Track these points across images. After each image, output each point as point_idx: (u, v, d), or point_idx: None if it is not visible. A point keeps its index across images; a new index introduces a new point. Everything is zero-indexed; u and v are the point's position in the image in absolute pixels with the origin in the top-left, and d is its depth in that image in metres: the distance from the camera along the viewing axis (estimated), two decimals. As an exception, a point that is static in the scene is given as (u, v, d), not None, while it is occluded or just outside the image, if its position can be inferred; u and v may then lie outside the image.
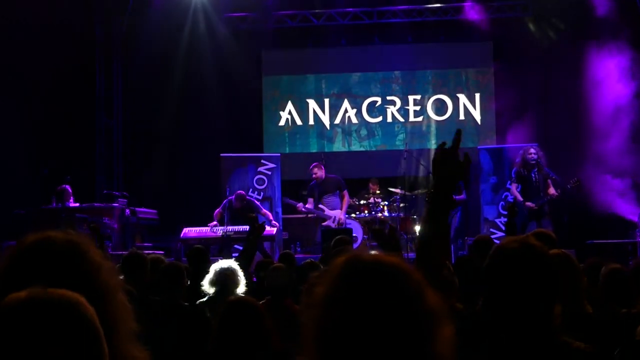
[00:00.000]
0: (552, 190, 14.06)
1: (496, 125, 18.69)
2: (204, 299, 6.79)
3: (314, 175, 15.69)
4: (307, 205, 15.71)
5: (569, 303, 3.80)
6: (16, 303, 1.62)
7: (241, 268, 6.93)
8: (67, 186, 15.02)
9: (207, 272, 6.88)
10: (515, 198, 14.10)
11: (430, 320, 1.82)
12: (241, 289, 6.68)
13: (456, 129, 2.92)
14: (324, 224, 15.50)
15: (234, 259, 7.95)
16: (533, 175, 14.12)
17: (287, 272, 6.84)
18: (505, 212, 15.21)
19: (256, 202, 15.86)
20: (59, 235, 2.07)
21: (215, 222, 14.97)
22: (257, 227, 7.78)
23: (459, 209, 15.98)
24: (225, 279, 6.69)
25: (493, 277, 2.91)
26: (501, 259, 2.89)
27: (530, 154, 14.19)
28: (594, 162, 15.97)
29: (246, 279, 6.95)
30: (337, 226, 15.32)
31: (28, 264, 1.96)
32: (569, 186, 14.01)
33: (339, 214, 15.48)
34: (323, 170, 15.76)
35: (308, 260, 7.96)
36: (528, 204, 13.95)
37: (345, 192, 15.73)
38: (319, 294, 1.89)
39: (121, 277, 2.06)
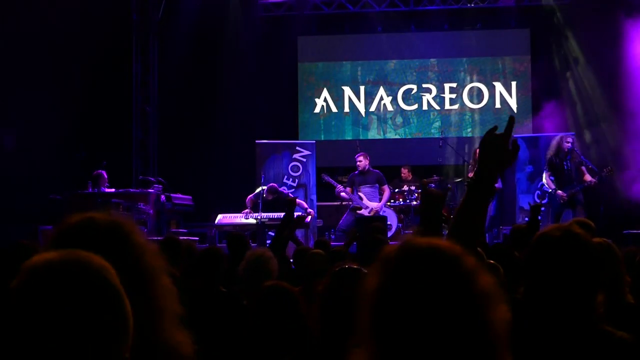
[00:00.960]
0: (588, 177, 13.93)
1: (532, 114, 18.56)
2: (240, 285, 6.79)
3: (358, 163, 15.56)
4: (346, 189, 15.58)
5: (611, 293, 3.76)
6: (42, 263, 1.61)
7: (275, 253, 6.92)
8: (102, 171, 15.10)
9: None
10: (542, 196, 14.04)
11: (485, 301, 1.81)
12: (274, 276, 6.68)
13: (509, 116, 2.86)
14: (359, 212, 15.43)
15: (268, 245, 7.95)
16: (565, 164, 14.02)
17: (324, 258, 6.83)
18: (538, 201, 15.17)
19: (289, 193, 15.81)
20: (102, 216, 2.07)
21: (248, 210, 14.97)
22: (292, 214, 7.74)
23: (495, 197, 15.89)
24: (259, 266, 6.69)
25: (535, 265, 2.88)
26: (544, 247, 2.86)
27: (567, 142, 14.07)
28: (631, 150, 15.83)
29: (281, 264, 6.94)
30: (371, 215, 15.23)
31: (72, 244, 1.96)
32: (603, 174, 13.89)
33: (376, 205, 15.36)
34: (368, 160, 15.63)
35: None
36: (559, 192, 13.87)
37: (386, 187, 15.58)
38: (373, 282, 1.86)
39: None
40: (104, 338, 1.56)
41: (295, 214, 14.24)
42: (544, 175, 14.50)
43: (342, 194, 15.53)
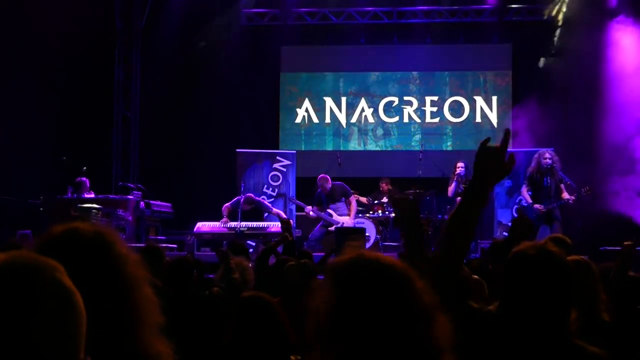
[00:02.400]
0: (565, 195, 14.01)
1: (512, 129, 18.63)
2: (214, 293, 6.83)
3: (320, 189, 15.49)
4: (314, 208, 15.49)
5: (586, 311, 3.82)
6: None
7: (260, 266, 6.98)
8: (85, 178, 15.10)
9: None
10: (520, 211, 14.10)
11: (426, 315, 1.93)
12: (250, 285, 6.72)
13: (505, 129, 2.89)
14: (330, 228, 15.34)
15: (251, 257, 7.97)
16: (545, 180, 14.09)
17: (300, 269, 6.85)
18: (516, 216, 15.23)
19: (265, 202, 15.79)
20: (86, 226, 2.09)
21: (225, 218, 14.94)
22: (288, 229, 7.78)
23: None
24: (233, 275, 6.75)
25: (510, 281, 2.93)
26: (519, 264, 2.90)
27: (545, 158, 14.15)
28: (608, 167, 15.94)
29: (263, 277, 6.99)
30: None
31: (55, 255, 1.98)
32: (582, 193, 13.98)
33: (347, 219, 15.32)
34: (329, 182, 15.54)
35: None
36: (536, 206, 13.95)
37: (352, 198, 15.52)
38: (325, 291, 1.97)
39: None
40: (54, 337, 1.57)
41: (275, 224, 14.36)
42: (523, 190, 14.56)
43: (311, 213, 15.50)
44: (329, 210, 15.40)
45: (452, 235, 2.81)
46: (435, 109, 19.11)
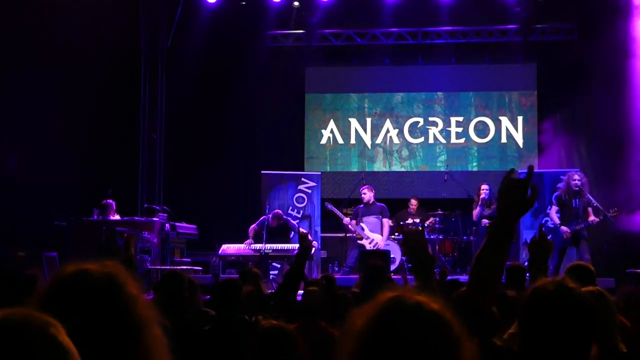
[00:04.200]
0: (592, 217, 13.97)
1: (538, 149, 18.58)
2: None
3: (362, 195, 15.70)
4: (350, 221, 15.65)
5: (603, 343, 3.77)
6: None
7: (288, 291, 6.96)
8: (111, 201, 15.18)
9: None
10: (545, 232, 14.03)
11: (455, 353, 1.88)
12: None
13: (529, 165, 2.88)
14: (359, 241, 15.46)
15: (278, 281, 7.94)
16: (574, 202, 14.04)
17: (321, 294, 6.83)
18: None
19: (292, 221, 15.85)
20: (96, 267, 2.09)
21: (250, 240, 14.96)
22: (307, 247, 7.72)
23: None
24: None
25: (529, 318, 2.90)
26: (538, 301, 2.88)
27: (575, 180, 14.09)
28: (636, 187, 15.81)
29: (292, 302, 6.97)
30: (372, 247, 15.27)
31: (65, 297, 1.99)
32: (609, 215, 13.91)
33: (379, 239, 15.42)
34: (373, 193, 15.77)
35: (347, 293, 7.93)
36: (563, 228, 13.90)
37: (386, 221, 15.66)
38: (357, 326, 1.92)
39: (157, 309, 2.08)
40: None
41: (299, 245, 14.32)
42: (551, 210, 14.50)
43: (349, 225, 15.60)
44: (362, 225, 15.47)
45: (481, 273, 2.82)
46: (460, 129, 19.06)
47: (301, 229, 15.24)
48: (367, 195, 15.71)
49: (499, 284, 3.01)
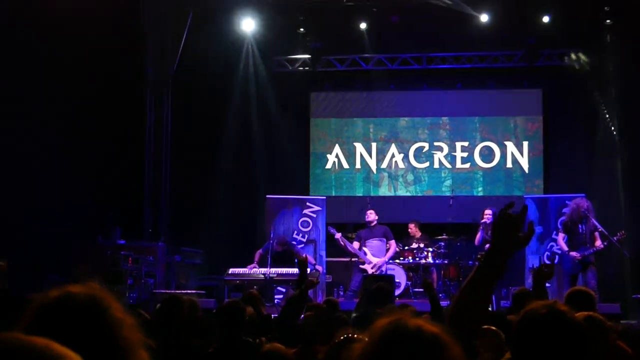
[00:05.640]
0: (598, 243, 13.92)
1: (544, 174, 18.58)
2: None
3: (367, 218, 15.69)
4: (353, 244, 15.63)
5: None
6: None
7: (290, 315, 6.96)
8: (115, 225, 15.20)
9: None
10: (551, 257, 14.03)
11: None
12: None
13: (523, 205, 2.87)
14: (362, 266, 15.45)
15: (282, 306, 7.91)
16: (580, 227, 14.00)
17: (316, 319, 6.82)
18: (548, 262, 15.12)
19: (297, 246, 15.85)
20: (80, 291, 2.09)
21: (254, 264, 14.94)
22: (305, 273, 7.69)
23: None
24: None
25: (520, 341, 2.90)
26: (529, 324, 2.87)
27: (584, 207, 14.03)
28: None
29: (294, 326, 6.96)
30: (375, 272, 15.24)
31: (48, 321, 1.98)
32: (615, 239, 13.85)
33: (380, 261, 15.41)
34: (376, 216, 15.78)
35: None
36: (572, 253, 13.85)
37: (392, 242, 15.67)
38: (358, 350, 1.94)
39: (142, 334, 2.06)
40: None
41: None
42: (558, 237, 14.47)
43: (344, 244, 15.56)
44: (365, 249, 15.47)
45: (465, 303, 2.79)
46: (465, 154, 19.07)
47: (302, 255, 15.20)
48: (371, 217, 15.74)
49: (483, 317, 2.98)
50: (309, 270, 12.12)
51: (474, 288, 2.79)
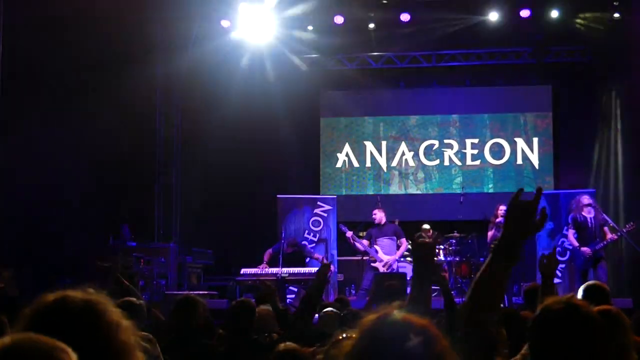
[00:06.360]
0: (610, 235, 13.87)
1: (554, 170, 18.55)
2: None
3: (374, 216, 15.65)
4: (362, 241, 15.60)
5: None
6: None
7: (305, 314, 6.97)
8: (126, 226, 15.21)
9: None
10: (562, 253, 14.02)
11: None
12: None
13: (537, 187, 2.83)
14: (373, 264, 15.42)
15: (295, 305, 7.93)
16: (589, 220, 13.96)
17: (336, 319, 6.83)
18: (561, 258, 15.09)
19: (308, 247, 15.82)
20: (76, 295, 2.09)
21: (264, 264, 14.89)
22: (324, 274, 7.71)
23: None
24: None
25: (538, 337, 2.90)
26: (546, 320, 2.87)
27: (588, 201, 14.03)
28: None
29: (309, 325, 6.97)
30: (386, 270, 15.22)
31: (44, 324, 1.98)
32: (625, 230, 13.82)
33: (391, 259, 15.38)
34: (384, 214, 15.71)
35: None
36: (584, 249, 13.80)
37: (403, 240, 15.61)
38: (347, 347, 1.95)
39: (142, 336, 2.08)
40: None
41: (315, 269, 14.31)
42: (569, 233, 14.43)
43: (352, 240, 15.53)
44: (376, 247, 15.43)
45: (480, 293, 2.77)
46: (475, 151, 19.05)
47: (324, 260, 15.14)
48: (378, 216, 15.65)
49: (500, 305, 2.97)
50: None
51: (488, 277, 2.77)
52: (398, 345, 1.87)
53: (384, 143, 19.37)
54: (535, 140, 18.90)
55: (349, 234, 15.61)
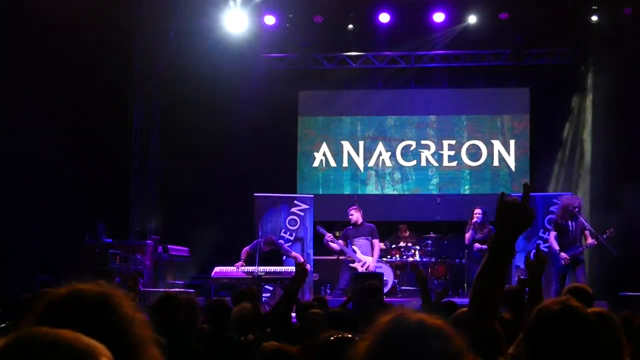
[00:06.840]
0: (590, 240, 13.84)
1: (530, 172, 18.63)
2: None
3: (350, 216, 15.55)
4: (339, 242, 15.54)
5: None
6: (15, 342, 1.62)
7: (282, 313, 6.96)
8: (101, 223, 15.12)
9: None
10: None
11: None
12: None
13: (524, 183, 2.93)
14: (352, 264, 15.37)
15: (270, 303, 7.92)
16: (571, 225, 13.93)
17: (323, 318, 6.81)
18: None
19: (285, 246, 15.76)
20: (90, 288, 2.07)
21: (241, 262, 14.82)
22: (302, 273, 7.71)
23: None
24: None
25: (535, 338, 2.91)
26: (543, 321, 2.89)
27: (575, 206, 13.97)
28: (627, 211, 15.81)
29: (286, 324, 6.97)
30: (364, 270, 15.17)
31: (58, 317, 1.96)
32: (604, 236, 13.84)
33: (370, 260, 15.30)
34: (360, 213, 15.63)
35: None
36: (562, 254, 13.72)
37: (376, 241, 15.52)
38: (362, 348, 1.92)
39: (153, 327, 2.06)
40: None
41: (292, 268, 14.30)
42: (550, 236, 14.36)
43: (331, 243, 15.45)
44: (354, 247, 15.36)
45: (482, 292, 2.83)
46: (452, 152, 19.11)
47: (299, 257, 15.11)
48: (355, 216, 15.55)
49: (501, 301, 3.02)
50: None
51: (487, 275, 2.83)
52: (416, 346, 1.87)
53: (361, 143, 19.39)
54: (512, 142, 18.98)
55: (329, 236, 15.48)
